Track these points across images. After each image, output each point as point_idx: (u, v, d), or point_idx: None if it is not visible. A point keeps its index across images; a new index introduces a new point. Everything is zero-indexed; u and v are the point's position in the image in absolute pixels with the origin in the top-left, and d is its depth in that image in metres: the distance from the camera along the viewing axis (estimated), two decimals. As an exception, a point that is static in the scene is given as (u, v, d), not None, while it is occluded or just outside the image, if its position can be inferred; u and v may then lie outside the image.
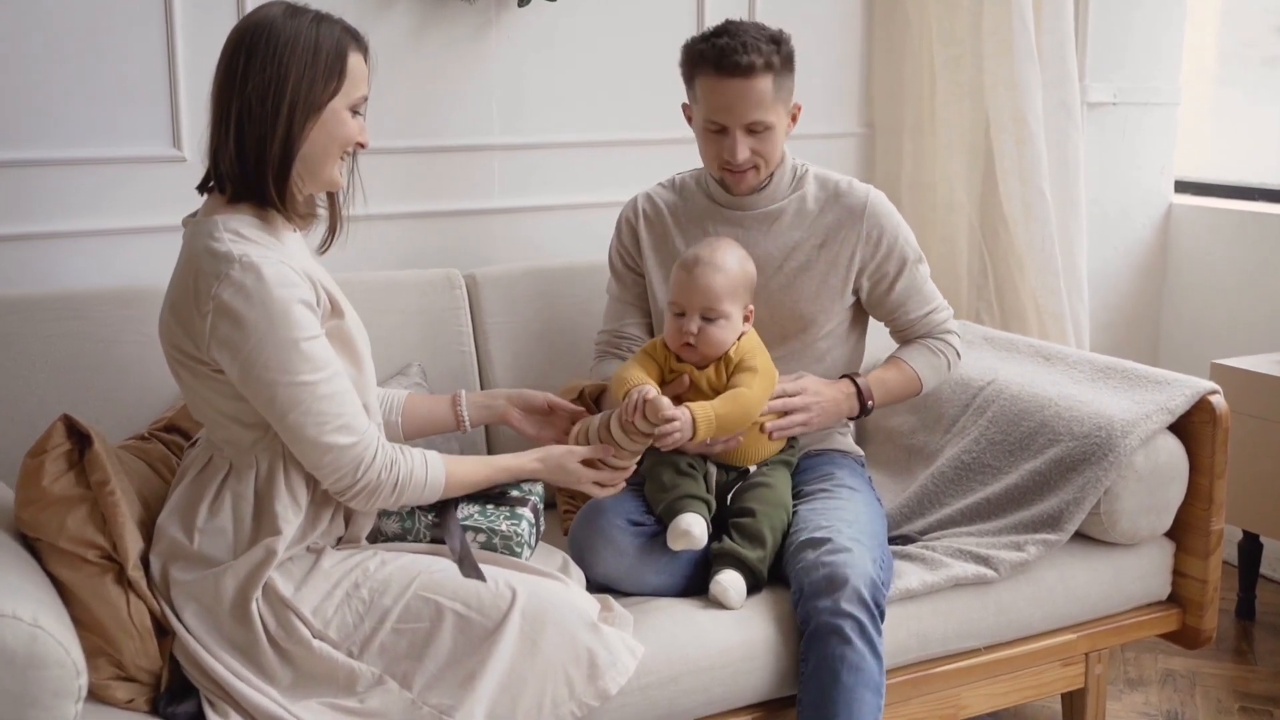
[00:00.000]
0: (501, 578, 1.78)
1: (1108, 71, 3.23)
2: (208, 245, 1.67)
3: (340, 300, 1.77)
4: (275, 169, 1.69)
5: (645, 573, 2.03)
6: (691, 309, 2.05)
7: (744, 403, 2.01)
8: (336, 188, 1.80)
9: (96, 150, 2.34)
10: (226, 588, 1.71)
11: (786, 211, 2.23)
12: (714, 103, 2.10)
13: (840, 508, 2.07)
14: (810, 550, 1.97)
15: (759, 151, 2.13)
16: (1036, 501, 2.25)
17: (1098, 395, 2.33)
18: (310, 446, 1.69)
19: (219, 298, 1.64)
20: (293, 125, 1.68)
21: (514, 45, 2.66)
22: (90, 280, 2.33)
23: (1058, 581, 2.22)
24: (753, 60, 2.05)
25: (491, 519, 1.90)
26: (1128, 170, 3.32)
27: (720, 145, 2.13)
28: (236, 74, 1.69)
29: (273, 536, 1.71)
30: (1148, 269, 3.39)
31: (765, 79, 2.08)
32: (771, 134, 2.13)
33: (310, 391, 1.67)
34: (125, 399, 2.16)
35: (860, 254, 2.22)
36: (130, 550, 1.72)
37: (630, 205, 2.34)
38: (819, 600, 1.89)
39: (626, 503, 2.07)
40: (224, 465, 1.76)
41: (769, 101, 2.09)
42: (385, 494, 1.75)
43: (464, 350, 2.45)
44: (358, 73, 1.74)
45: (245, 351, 1.65)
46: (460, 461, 1.86)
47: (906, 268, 2.24)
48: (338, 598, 1.73)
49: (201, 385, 1.73)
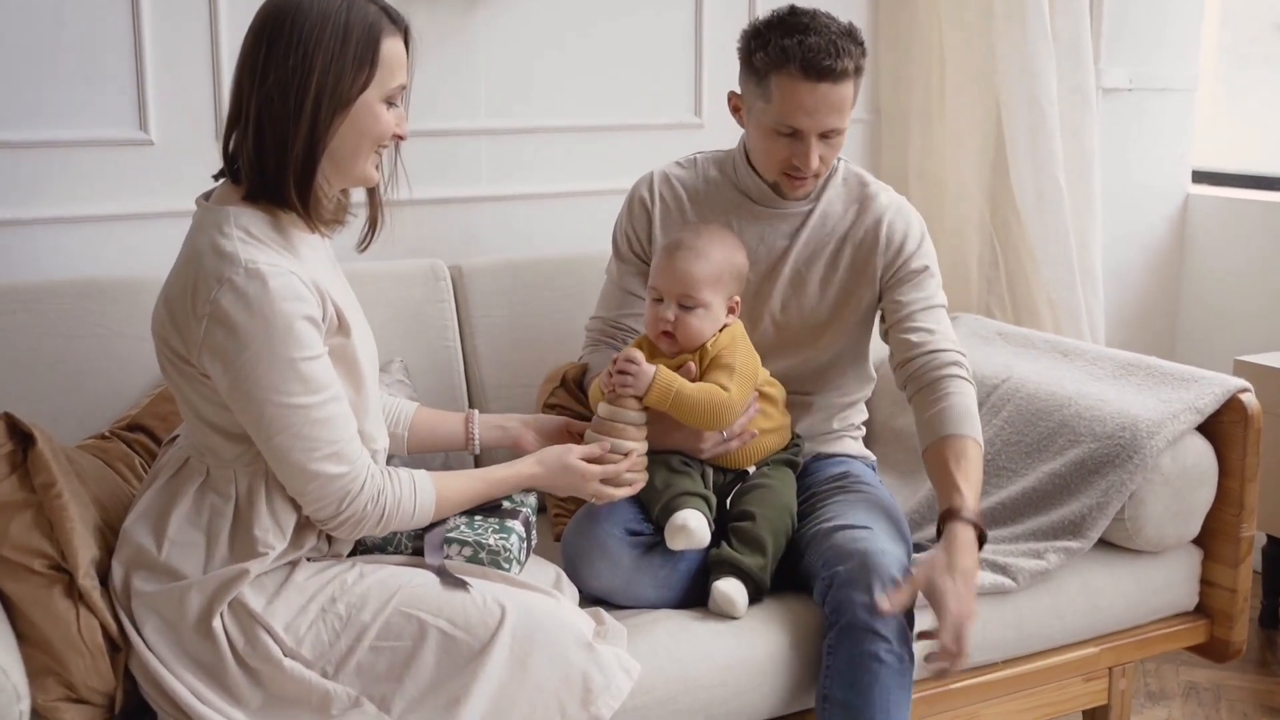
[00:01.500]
0: (489, 593, 1.68)
1: (1123, 56, 3.16)
2: (214, 241, 1.56)
3: (349, 316, 1.66)
4: (298, 171, 1.57)
5: (643, 586, 1.93)
6: (669, 295, 1.95)
7: (716, 403, 1.90)
8: (370, 183, 1.68)
9: (55, 132, 2.24)
10: (192, 603, 1.60)
11: (814, 215, 2.11)
12: (794, 105, 1.95)
13: (864, 500, 1.98)
14: (839, 537, 1.87)
15: (825, 159, 2.02)
16: (1056, 506, 2.16)
17: (1120, 394, 2.24)
18: (295, 471, 1.59)
19: (218, 303, 1.53)
20: (317, 122, 1.56)
21: (503, 23, 2.58)
22: (47, 271, 2.23)
23: (1079, 591, 2.13)
24: (845, 65, 1.93)
25: (479, 532, 1.79)
26: (1143, 159, 3.25)
27: (790, 150, 1.99)
28: (258, 64, 1.56)
29: (249, 561, 1.61)
30: (1164, 262, 3.33)
31: (851, 84, 1.97)
32: (842, 139, 2.02)
33: (303, 415, 1.56)
34: (85, 398, 2.07)
35: (880, 262, 2.09)
36: (80, 558, 1.62)
37: (645, 183, 2.18)
38: (853, 591, 1.79)
39: (622, 511, 1.96)
40: (201, 469, 1.65)
41: (849, 106, 1.98)
42: (370, 525, 1.65)
43: (448, 346, 2.36)
44: (393, 60, 1.61)
45: (238, 364, 1.54)
46: (451, 480, 1.75)
47: (925, 281, 2.09)
48: (312, 613, 1.63)
49: (187, 386, 1.62)
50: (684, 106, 2.75)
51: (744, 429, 1.99)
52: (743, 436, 1.99)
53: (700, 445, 1.99)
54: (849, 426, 2.22)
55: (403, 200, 2.51)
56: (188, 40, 2.30)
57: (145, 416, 2.01)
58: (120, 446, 1.92)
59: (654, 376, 1.88)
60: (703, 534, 1.87)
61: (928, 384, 1.99)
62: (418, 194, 2.50)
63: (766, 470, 2.02)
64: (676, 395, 1.89)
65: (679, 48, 2.73)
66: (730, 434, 1.98)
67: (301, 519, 1.65)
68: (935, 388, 1.98)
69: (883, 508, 1.98)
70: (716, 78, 2.74)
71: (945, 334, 2.05)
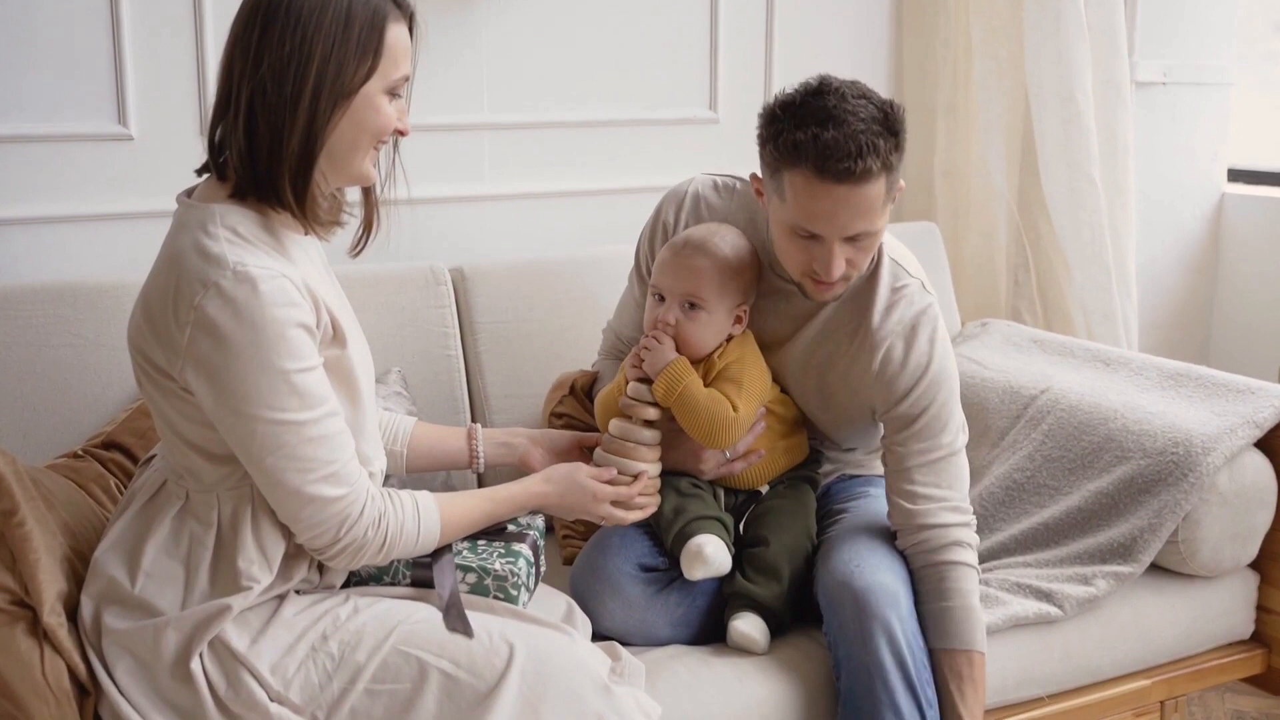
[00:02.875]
0: (497, 630, 1.56)
1: (1157, 48, 3.05)
2: (198, 241, 1.44)
3: (345, 324, 1.54)
4: (294, 167, 1.45)
5: (658, 624, 1.82)
6: (672, 295, 1.81)
7: (720, 417, 1.76)
8: (368, 182, 1.57)
9: (26, 126, 2.13)
10: (168, 642, 1.49)
11: (847, 299, 1.84)
12: (810, 210, 1.67)
13: (860, 527, 1.84)
14: (831, 572, 1.74)
15: (854, 262, 1.72)
16: (1103, 528, 2.05)
17: (1169, 406, 2.13)
18: (289, 495, 1.47)
19: (202, 309, 1.41)
20: (316, 116, 1.44)
21: (508, 11, 2.48)
22: (17, 274, 2.13)
23: (1130, 620, 2.02)
24: (869, 165, 1.61)
25: (484, 557, 1.66)
26: (1177, 156, 3.14)
27: (808, 253, 1.71)
28: (250, 50, 1.44)
29: (232, 595, 1.49)
30: (1198, 264, 3.22)
31: (879, 183, 1.64)
32: (873, 241, 1.72)
33: (297, 432, 1.44)
34: (56, 412, 1.97)
35: (880, 405, 1.82)
36: (45, 593, 1.50)
37: (674, 201, 1.95)
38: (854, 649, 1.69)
39: (634, 544, 1.84)
40: (180, 494, 1.54)
41: (880, 206, 1.67)
42: (371, 553, 1.53)
43: (450, 354, 2.25)
44: (398, 49, 1.50)
45: (225, 377, 1.42)
46: (456, 501, 1.63)
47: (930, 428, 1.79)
48: (301, 652, 1.51)
49: (165, 402, 1.50)
50: (699, 101, 2.66)
51: (748, 449, 1.85)
52: (748, 458, 1.86)
53: (701, 466, 1.86)
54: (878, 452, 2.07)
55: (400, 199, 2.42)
56: (170, 27, 2.20)
57: (122, 433, 1.90)
58: (94, 466, 1.81)
59: (671, 362, 1.75)
60: (722, 560, 1.75)
61: (927, 567, 1.78)
62: (416, 192, 2.42)
63: (781, 489, 1.90)
64: (684, 391, 1.76)
65: (694, 38, 2.63)
66: (734, 454, 1.85)
67: (291, 548, 1.53)
68: (934, 576, 1.77)
69: (877, 534, 1.82)
70: (733, 71, 2.65)
71: (948, 498, 1.78)
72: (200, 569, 1.50)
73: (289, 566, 1.54)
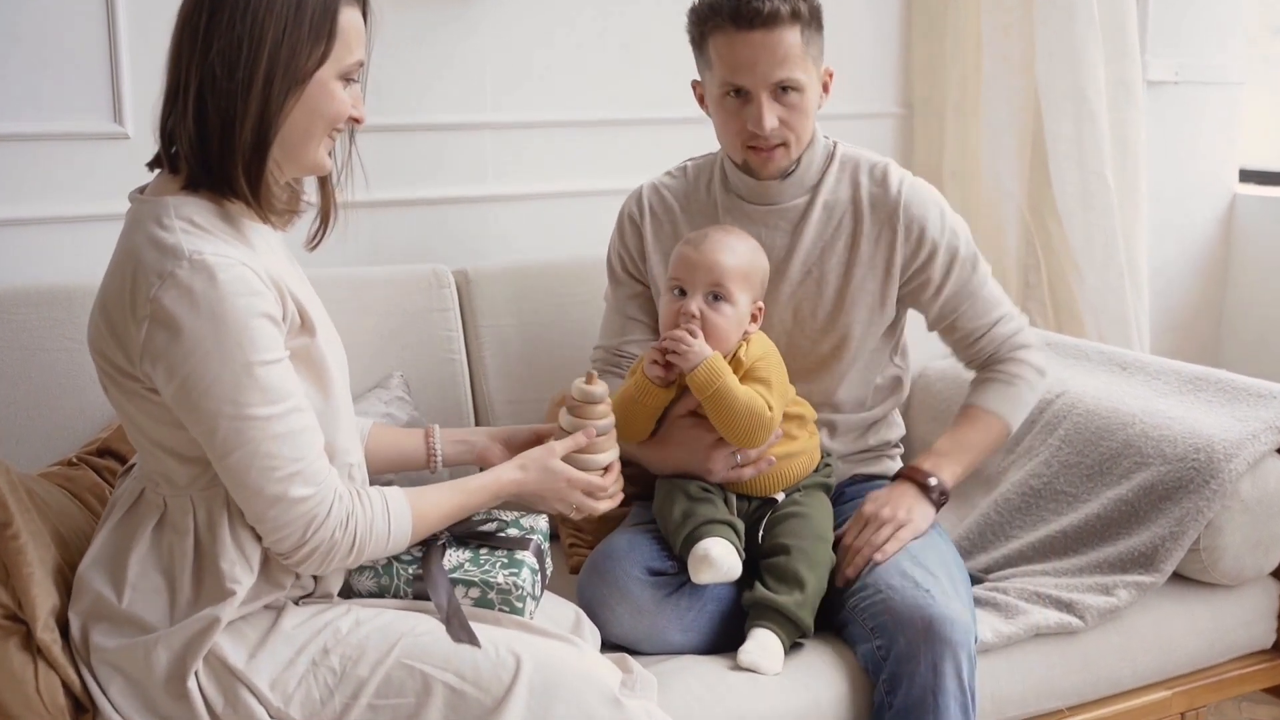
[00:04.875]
0: (503, 642, 1.52)
1: (1168, 46, 3.02)
2: (152, 234, 1.40)
3: (312, 313, 1.49)
4: (247, 156, 1.42)
5: (668, 630, 1.77)
6: (695, 286, 1.78)
7: (757, 415, 1.75)
8: (323, 171, 1.52)
9: (19, 124, 2.11)
10: (159, 659, 1.44)
11: (815, 206, 1.94)
12: (732, 61, 1.82)
13: (919, 545, 1.81)
14: (893, 595, 1.70)
15: (788, 123, 1.84)
16: (1123, 536, 2.00)
17: (1189, 411, 2.08)
18: (253, 495, 1.42)
19: (159, 301, 1.36)
20: (269, 102, 1.41)
21: (511, 8, 2.46)
22: (10, 276, 2.09)
23: (1151, 630, 1.97)
24: (776, 7, 1.78)
25: (486, 569, 1.61)
26: (1188, 157, 3.12)
27: (743, 114, 1.84)
28: (198, 35, 1.40)
29: (217, 603, 1.44)
30: (1208, 266, 3.20)
31: (793, 29, 1.80)
32: (803, 99, 1.84)
33: (261, 428, 1.39)
34: (50, 418, 1.95)
35: (900, 255, 1.92)
36: (40, 607, 1.46)
37: (633, 198, 2.05)
38: (915, 668, 1.64)
39: (642, 548, 1.81)
40: (158, 502, 1.49)
41: (798, 56, 1.81)
42: (340, 556, 1.47)
43: (453, 358, 2.23)
44: (351, 32, 1.46)
45: (185, 371, 1.37)
46: (427, 495, 1.58)
47: (955, 268, 1.94)
48: (301, 666, 1.47)
49: (132, 405, 1.46)
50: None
51: (761, 455, 1.82)
52: (759, 464, 1.83)
53: (710, 468, 1.82)
54: (885, 445, 2.06)
55: (401, 200, 2.40)
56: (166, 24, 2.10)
57: (117, 440, 1.87)
58: (89, 475, 1.78)
59: (709, 357, 1.74)
60: (730, 564, 1.71)
61: (986, 362, 2.00)
62: (418, 193, 2.44)
63: (798, 497, 1.85)
64: (722, 387, 1.73)
65: None
66: (745, 458, 1.81)
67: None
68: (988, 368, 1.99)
69: (940, 555, 1.81)
70: None
71: (1000, 321, 1.98)
72: (183, 577, 1.46)
73: (273, 570, 1.49)
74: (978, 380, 1.99)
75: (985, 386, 1.97)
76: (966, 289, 1.95)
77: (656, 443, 1.84)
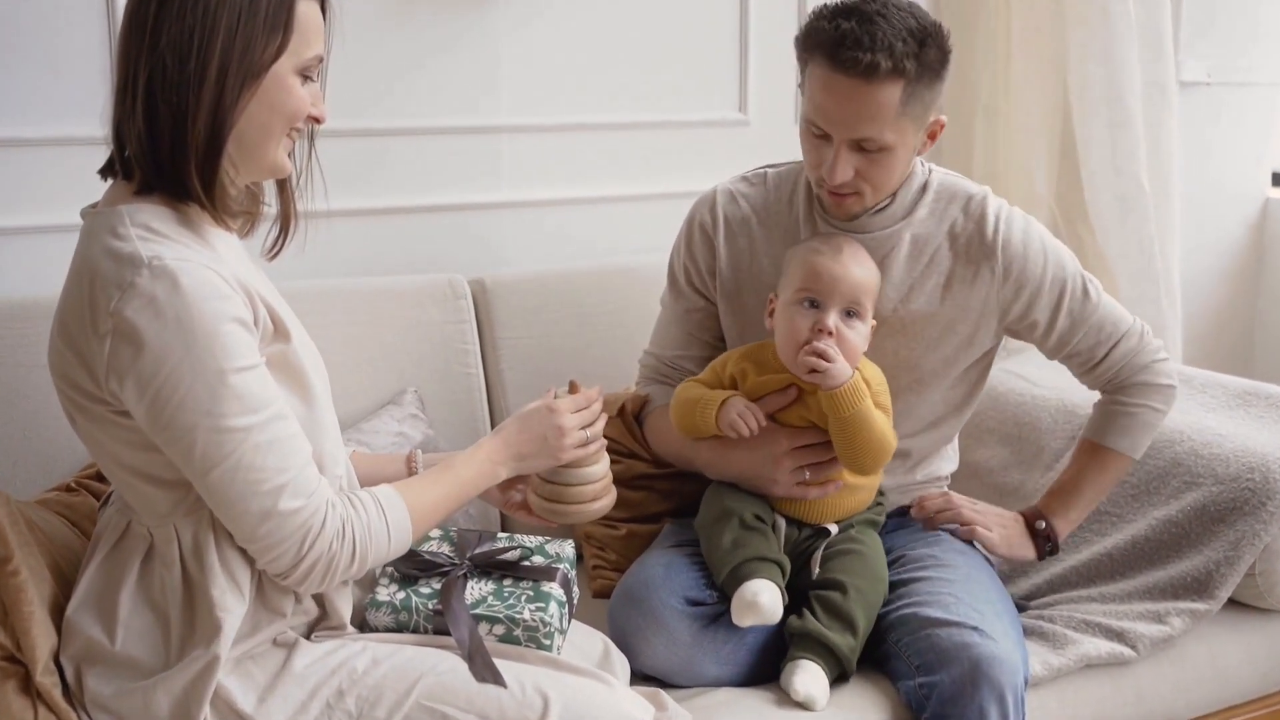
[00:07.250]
0: (529, 680, 1.44)
1: (1200, 47, 2.97)
2: (108, 244, 1.32)
3: (285, 318, 1.42)
4: (200, 154, 1.34)
5: (704, 663, 1.70)
6: (832, 300, 1.69)
7: (887, 445, 1.71)
8: (282, 173, 1.44)
9: (12, 129, 2.03)
10: (159, 706, 1.36)
11: (904, 240, 1.81)
12: (819, 101, 1.67)
13: (965, 580, 1.73)
14: (940, 633, 1.62)
15: (865, 175, 1.71)
16: (1173, 560, 1.93)
17: (1240, 428, 2.02)
18: (240, 513, 1.33)
19: (120, 314, 1.28)
20: (223, 95, 1.33)
21: (526, 10, 2.39)
22: (4, 289, 2.02)
23: (1205, 659, 1.91)
24: (877, 60, 1.61)
25: (511, 604, 1.53)
26: (1220, 160, 3.07)
27: (819, 154, 1.71)
28: (147, 25, 1.33)
29: (211, 637, 1.36)
30: (1240, 271, 3.16)
31: (892, 86, 1.63)
32: (888, 157, 1.69)
33: (241, 439, 1.31)
34: (46, 439, 1.86)
35: (997, 300, 1.80)
36: (39, 649, 1.39)
37: (705, 205, 1.91)
38: (963, 709, 1.58)
39: (680, 575, 1.74)
40: (144, 535, 1.41)
41: (889, 115, 1.64)
42: (342, 568, 1.39)
43: (469, 372, 2.17)
44: (309, 25, 1.38)
45: (155, 386, 1.29)
46: (418, 488, 1.50)
47: (1064, 303, 1.81)
48: (315, 710, 1.39)
49: (102, 433, 1.38)
50: (728, 101, 2.58)
51: (827, 478, 1.75)
52: (826, 486, 1.75)
53: (776, 478, 1.74)
54: (933, 479, 1.96)
55: (414, 206, 2.32)
56: None
57: None
58: (88, 501, 1.68)
59: (854, 377, 1.68)
60: (774, 611, 1.64)
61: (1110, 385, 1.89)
62: (432, 200, 2.36)
63: (854, 533, 1.78)
64: (864, 410, 1.67)
65: (723, 36, 2.55)
66: (814, 476, 1.74)
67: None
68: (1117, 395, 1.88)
69: (986, 589, 1.73)
70: (764, 70, 2.57)
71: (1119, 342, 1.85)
72: (174, 612, 1.38)
73: (269, 594, 1.41)
74: (1103, 410, 1.88)
75: (1110, 421, 1.86)
76: (1079, 320, 1.82)
77: (720, 443, 1.75)
